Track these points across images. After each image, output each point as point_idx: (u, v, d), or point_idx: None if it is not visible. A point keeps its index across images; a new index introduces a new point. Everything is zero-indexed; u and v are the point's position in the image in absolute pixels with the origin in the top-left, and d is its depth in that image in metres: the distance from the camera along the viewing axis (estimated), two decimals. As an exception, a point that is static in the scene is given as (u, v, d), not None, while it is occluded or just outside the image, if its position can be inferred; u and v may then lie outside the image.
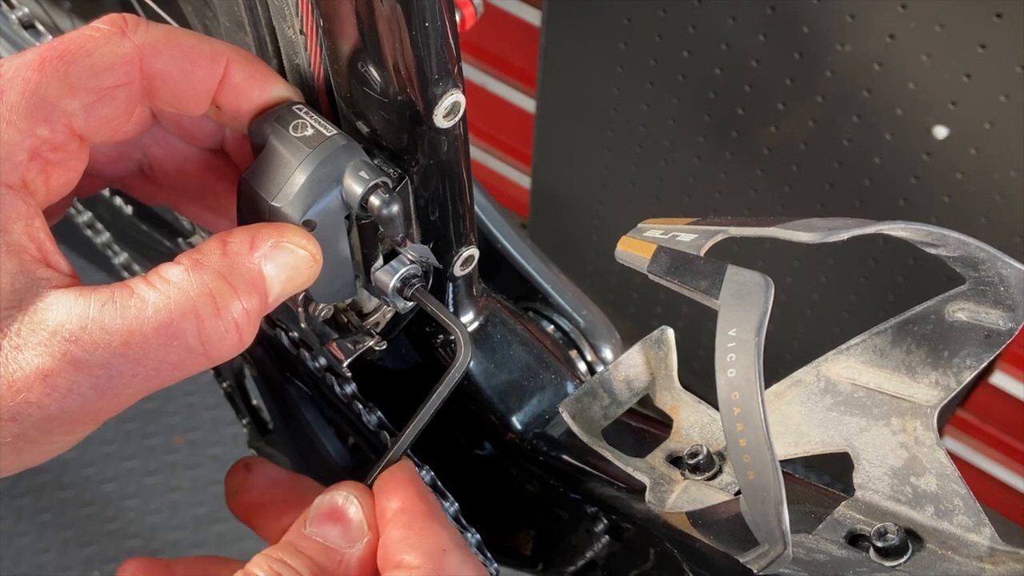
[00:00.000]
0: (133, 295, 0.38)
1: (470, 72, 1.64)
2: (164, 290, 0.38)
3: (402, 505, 0.44)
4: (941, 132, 1.13)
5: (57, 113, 0.39)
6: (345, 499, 0.44)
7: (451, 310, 0.54)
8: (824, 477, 1.58)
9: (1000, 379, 1.37)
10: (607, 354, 0.62)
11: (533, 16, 1.47)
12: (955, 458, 1.53)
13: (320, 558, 0.43)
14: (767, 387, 0.44)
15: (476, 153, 1.76)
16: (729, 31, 1.20)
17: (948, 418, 1.46)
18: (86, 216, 0.74)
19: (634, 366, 0.51)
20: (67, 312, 0.37)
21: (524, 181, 1.72)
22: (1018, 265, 0.39)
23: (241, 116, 0.45)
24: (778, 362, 1.40)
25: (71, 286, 0.38)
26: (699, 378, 0.78)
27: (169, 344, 0.38)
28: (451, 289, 0.53)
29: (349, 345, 0.51)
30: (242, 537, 1.63)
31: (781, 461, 0.36)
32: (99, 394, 0.37)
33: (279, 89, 0.45)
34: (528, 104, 1.60)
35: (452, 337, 0.49)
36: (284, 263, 0.41)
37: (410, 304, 0.49)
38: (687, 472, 0.48)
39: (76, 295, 0.37)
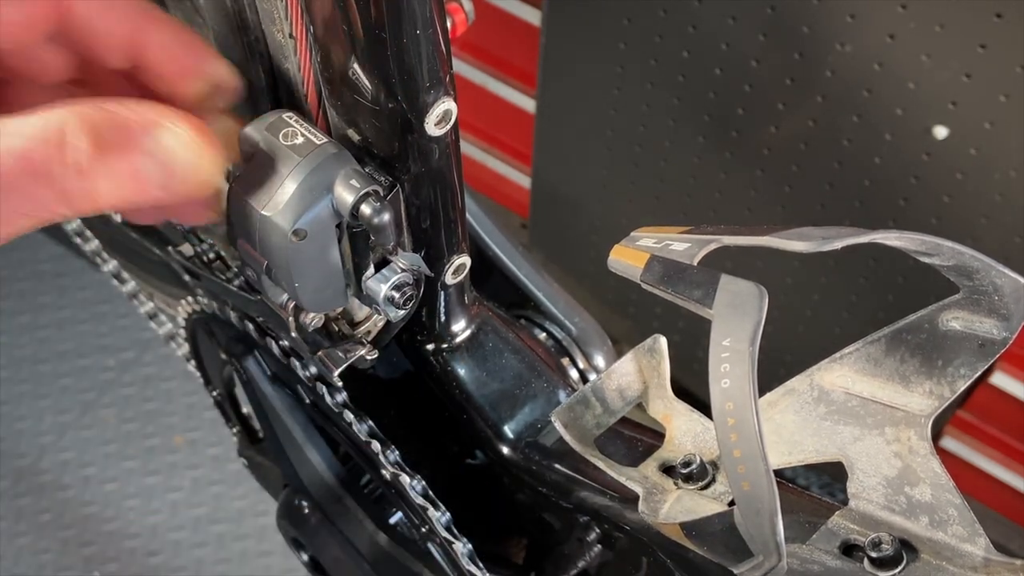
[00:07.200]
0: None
1: (470, 72, 1.63)
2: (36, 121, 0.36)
3: None
4: (941, 132, 1.13)
5: None
6: None
7: (443, 318, 0.54)
8: (824, 477, 1.58)
9: (1000, 379, 1.37)
10: (599, 362, 0.61)
11: (533, 16, 1.47)
12: (955, 458, 1.51)
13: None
14: (761, 395, 0.44)
15: (476, 153, 1.76)
16: (729, 31, 1.19)
17: (948, 418, 1.45)
18: (75, 224, 0.74)
19: (627, 375, 0.50)
20: None
21: (524, 181, 1.72)
22: (1012, 274, 0.38)
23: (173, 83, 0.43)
24: (778, 363, 1.39)
25: None
26: (699, 379, 0.78)
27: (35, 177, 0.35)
28: (443, 297, 0.53)
29: (340, 354, 0.50)
30: (242, 537, 1.64)
31: (775, 470, 0.36)
32: None
33: (211, 63, 0.44)
34: (528, 104, 1.59)
35: (444, 345, 0.49)
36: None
37: (401, 313, 0.49)
38: (680, 481, 0.47)
39: None
